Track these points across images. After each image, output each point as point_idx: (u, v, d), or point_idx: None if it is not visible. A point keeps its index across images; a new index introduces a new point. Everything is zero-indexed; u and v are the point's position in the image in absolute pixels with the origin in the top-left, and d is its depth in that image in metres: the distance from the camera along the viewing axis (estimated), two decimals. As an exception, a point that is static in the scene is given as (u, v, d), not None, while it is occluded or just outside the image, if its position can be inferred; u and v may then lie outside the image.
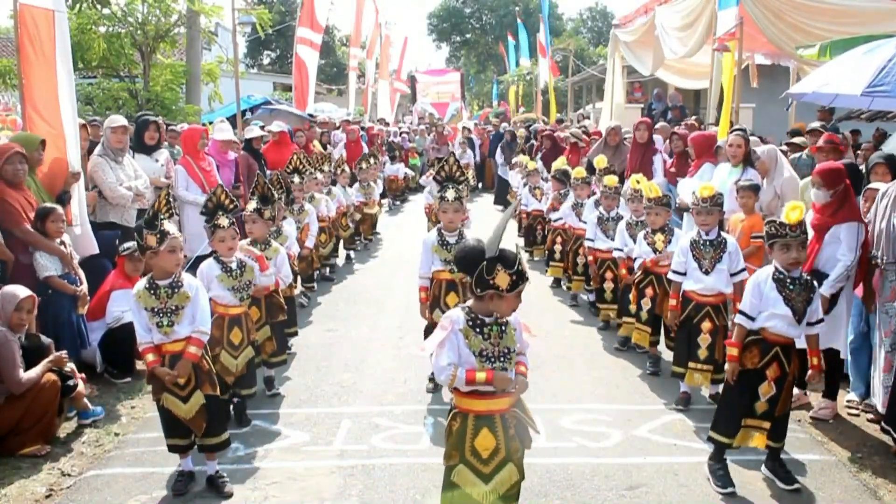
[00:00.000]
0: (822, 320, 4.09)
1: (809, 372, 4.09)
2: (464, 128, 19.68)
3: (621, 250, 6.35)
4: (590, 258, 7.01)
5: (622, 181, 7.19)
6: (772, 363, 3.96)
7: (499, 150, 15.70)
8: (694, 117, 12.28)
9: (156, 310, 3.86)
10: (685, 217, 7.42)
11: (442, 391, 5.32)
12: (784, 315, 3.92)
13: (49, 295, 5.25)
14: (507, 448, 3.05)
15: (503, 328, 3.07)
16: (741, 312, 4.06)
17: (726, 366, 4.09)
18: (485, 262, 2.96)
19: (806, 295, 3.95)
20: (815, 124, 8.15)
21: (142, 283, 3.95)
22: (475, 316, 3.05)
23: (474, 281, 2.98)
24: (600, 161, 7.68)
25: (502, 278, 2.96)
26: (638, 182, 6.25)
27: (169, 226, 3.90)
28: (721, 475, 4.02)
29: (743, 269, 4.92)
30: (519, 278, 2.97)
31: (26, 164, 5.35)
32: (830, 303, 4.77)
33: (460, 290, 5.06)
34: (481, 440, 3.04)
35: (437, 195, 5.16)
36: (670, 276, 5.16)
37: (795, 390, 5.01)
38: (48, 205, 5.39)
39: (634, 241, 6.15)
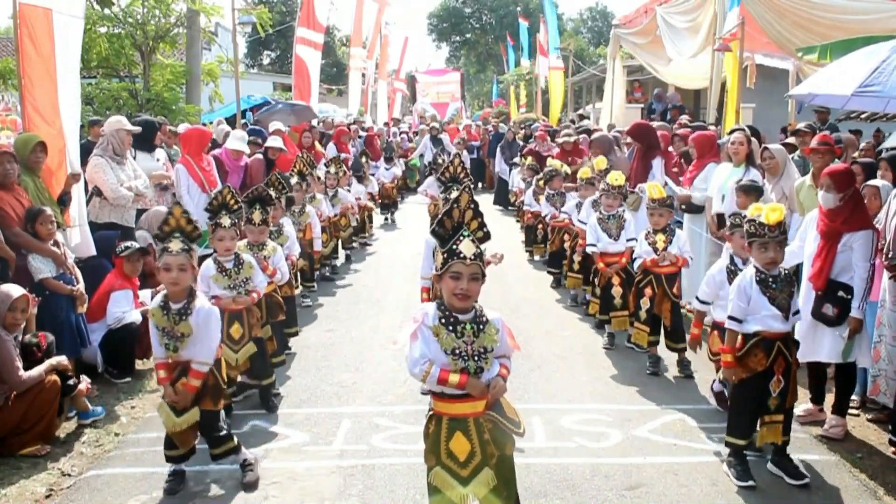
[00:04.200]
0: (798, 311, 4.13)
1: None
2: (432, 127, 19.25)
3: (595, 245, 6.39)
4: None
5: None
6: (777, 358, 4.01)
7: (498, 150, 15.67)
8: (685, 117, 12.25)
9: (165, 331, 3.86)
10: (686, 218, 7.41)
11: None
12: (773, 314, 3.97)
13: (46, 296, 5.24)
14: (483, 452, 2.95)
15: (480, 327, 2.91)
16: (730, 317, 4.08)
17: (725, 371, 4.09)
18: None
19: (788, 290, 4.01)
20: (801, 125, 8.02)
21: (158, 299, 3.94)
22: (449, 313, 2.91)
23: None
24: (599, 162, 7.65)
25: (438, 257, 2.92)
26: (616, 179, 6.34)
27: (175, 244, 3.81)
28: (740, 469, 4.05)
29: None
30: (449, 256, 2.86)
31: (15, 164, 5.29)
32: (842, 314, 4.53)
33: None
34: (455, 444, 2.95)
35: (440, 195, 5.18)
36: (697, 305, 4.83)
37: (810, 406, 5.01)
38: (37, 206, 5.33)
39: (608, 235, 6.33)
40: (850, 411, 5.02)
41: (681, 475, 4.17)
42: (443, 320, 2.89)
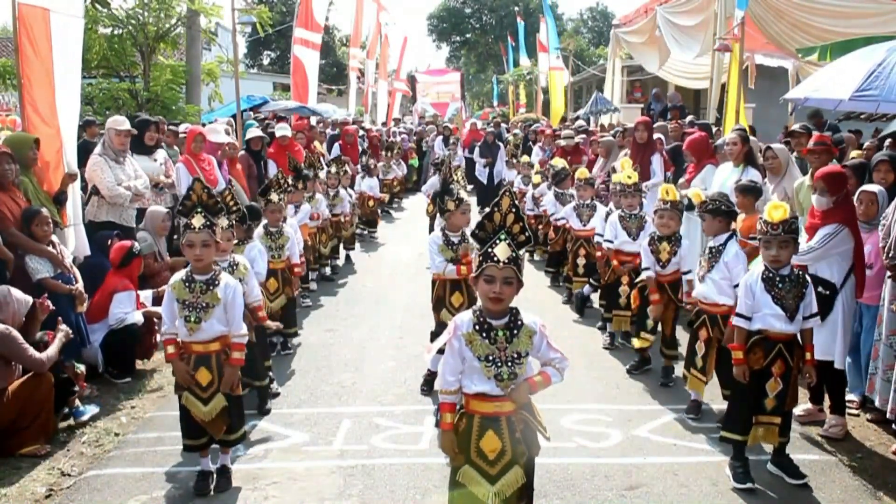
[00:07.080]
0: (816, 314, 4.08)
1: (804, 367, 4.08)
2: (444, 127, 19.19)
3: (611, 242, 6.35)
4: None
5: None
6: (776, 360, 3.99)
7: (477, 150, 15.12)
8: (690, 118, 12.26)
9: (187, 303, 3.85)
10: (683, 217, 7.39)
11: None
12: (776, 314, 3.96)
13: (45, 296, 5.22)
14: (513, 451, 2.97)
15: (514, 331, 2.94)
16: (737, 314, 4.08)
17: (734, 369, 4.06)
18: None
19: (797, 291, 3.97)
20: (796, 126, 7.98)
21: (180, 274, 3.95)
22: (484, 319, 2.93)
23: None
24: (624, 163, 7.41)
25: (475, 260, 2.96)
26: (628, 177, 6.31)
27: (197, 220, 3.83)
28: (741, 472, 4.04)
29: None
30: (484, 259, 2.89)
31: (13, 164, 5.27)
32: (826, 310, 4.55)
33: (465, 290, 5.12)
34: (486, 441, 2.96)
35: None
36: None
37: (810, 406, 5.01)
38: (33, 208, 5.32)
39: (628, 234, 6.27)
40: (850, 411, 5.03)
41: (681, 475, 4.17)
42: (476, 327, 2.92)
